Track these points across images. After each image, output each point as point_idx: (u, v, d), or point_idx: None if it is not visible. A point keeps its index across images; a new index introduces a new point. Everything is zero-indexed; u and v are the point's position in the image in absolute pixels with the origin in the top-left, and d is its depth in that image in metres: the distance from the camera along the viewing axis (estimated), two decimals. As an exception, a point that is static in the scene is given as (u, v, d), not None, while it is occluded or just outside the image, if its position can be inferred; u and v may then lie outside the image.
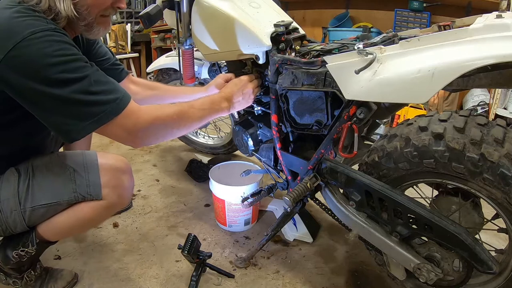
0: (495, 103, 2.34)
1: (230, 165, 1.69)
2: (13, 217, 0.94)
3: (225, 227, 1.55)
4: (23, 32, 0.73)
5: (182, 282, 1.25)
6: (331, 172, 1.05)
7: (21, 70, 0.74)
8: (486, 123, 0.84)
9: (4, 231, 0.97)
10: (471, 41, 0.75)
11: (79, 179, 0.97)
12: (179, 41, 1.30)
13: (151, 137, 0.90)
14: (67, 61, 0.76)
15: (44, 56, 0.74)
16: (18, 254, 1.01)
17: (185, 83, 1.39)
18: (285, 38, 1.14)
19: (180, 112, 0.94)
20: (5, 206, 0.93)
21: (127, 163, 1.05)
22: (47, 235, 1.03)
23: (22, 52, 0.73)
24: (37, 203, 0.95)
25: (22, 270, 1.09)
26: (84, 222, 1.02)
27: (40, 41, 0.74)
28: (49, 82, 0.75)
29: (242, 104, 1.15)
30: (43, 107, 0.78)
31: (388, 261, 1.04)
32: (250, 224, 1.56)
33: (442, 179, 0.89)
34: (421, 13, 2.78)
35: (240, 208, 1.46)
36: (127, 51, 3.67)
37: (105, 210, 1.01)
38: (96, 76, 0.80)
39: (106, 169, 0.99)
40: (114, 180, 1.00)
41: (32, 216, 0.96)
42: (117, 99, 0.82)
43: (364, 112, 0.96)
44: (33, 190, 0.95)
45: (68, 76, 0.76)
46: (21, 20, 0.75)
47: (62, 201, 0.96)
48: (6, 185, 0.94)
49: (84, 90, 0.77)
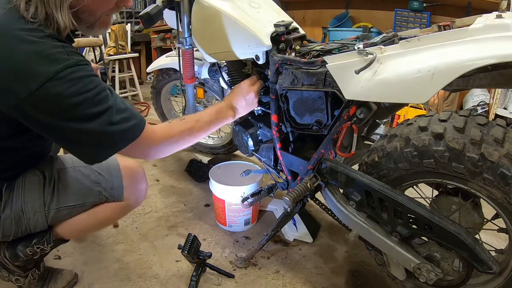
0: (495, 103, 2.34)
1: (230, 165, 1.69)
2: (36, 218, 0.97)
3: (225, 227, 1.55)
4: (48, 71, 0.70)
5: (182, 282, 1.25)
6: (331, 172, 1.05)
7: (47, 110, 0.73)
8: (486, 123, 0.84)
9: (23, 232, 0.98)
10: (471, 41, 0.75)
11: (104, 182, 1.02)
12: (179, 41, 1.30)
13: (161, 154, 0.96)
14: (93, 95, 0.76)
15: (70, 96, 0.73)
16: (32, 251, 1.02)
17: (185, 83, 1.39)
18: (285, 38, 1.14)
19: (189, 128, 1.00)
20: (29, 208, 0.96)
21: (142, 167, 1.12)
22: (64, 233, 1.05)
23: (48, 93, 0.71)
24: (62, 204, 0.99)
25: (28, 268, 1.09)
26: (103, 221, 1.08)
27: (65, 81, 0.72)
28: (75, 119, 0.75)
29: (246, 109, 1.18)
30: (67, 139, 0.79)
31: (388, 261, 1.04)
32: (250, 224, 1.56)
33: (442, 179, 0.89)
34: (421, 13, 2.79)
35: (240, 208, 1.46)
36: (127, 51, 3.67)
37: (123, 210, 1.08)
38: (117, 104, 0.81)
39: (127, 173, 1.06)
40: (134, 183, 1.07)
41: (55, 217, 0.99)
42: (135, 125, 0.84)
43: (364, 112, 0.96)
44: (59, 192, 0.98)
45: (93, 110, 0.76)
46: (41, 53, 0.71)
47: (87, 203, 1.01)
48: (30, 188, 0.96)
49: (108, 122, 0.78)
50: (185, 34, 1.28)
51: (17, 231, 0.97)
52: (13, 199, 0.94)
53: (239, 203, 1.42)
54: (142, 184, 1.10)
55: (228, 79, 1.40)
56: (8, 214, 0.94)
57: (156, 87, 2.12)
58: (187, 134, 0.99)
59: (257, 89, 1.18)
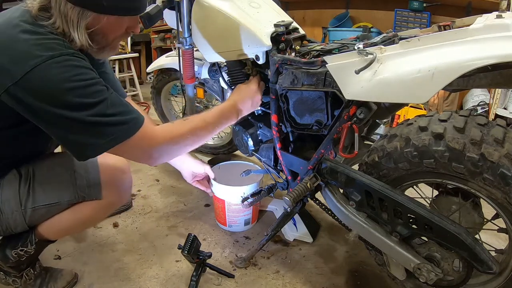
0: (495, 103, 2.34)
1: (230, 165, 1.69)
2: (14, 218, 0.95)
3: (225, 227, 1.55)
4: (43, 55, 0.73)
5: (182, 282, 1.25)
6: (331, 172, 1.05)
7: (38, 93, 0.74)
8: (486, 123, 0.84)
9: (4, 231, 0.98)
10: (471, 41, 0.75)
11: (80, 180, 0.98)
12: (179, 41, 1.30)
13: (165, 156, 0.94)
14: (85, 85, 0.77)
15: (62, 81, 0.74)
16: (17, 254, 1.02)
17: (185, 83, 1.39)
18: (285, 38, 1.14)
19: (193, 129, 0.97)
20: (6, 206, 0.94)
21: (126, 163, 1.06)
22: (47, 234, 1.04)
23: (40, 75, 0.72)
24: (38, 203, 0.96)
25: (22, 268, 1.09)
26: (84, 221, 1.04)
27: (59, 66, 0.74)
28: (67, 106, 0.75)
29: (249, 109, 1.17)
30: (59, 128, 0.79)
31: (388, 261, 1.04)
32: (250, 224, 1.56)
33: (442, 179, 0.89)
34: (421, 13, 2.78)
35: (240, 208, 1.46)
36: (127, 51, 3.67)
37: (105, 209, 1.04)
38: (112, 99, 0.81)
39: (105, 169, 1.01)
40: (113, 180, 1.02)
41: (33, 216, 0.97)
42: (132, 120, 0.83)
43: (364, 112, 0.96)
44: (34, 191, 0.96)
45: (86, 100, 0.76)
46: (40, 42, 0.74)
47: (63, 201, 0.98)
48: (7, 187, 0.95)
49: (101, 113, 0.78)
50: (185, 34, 1.28)
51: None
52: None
53: (239, 203, 1.42)
54: (124, 181, 1.05)
55: (228, 79, 1.40)
56: None
57: (156, 87, 2.12)
58: (191, 135, 0.96)
59: (260, 89, 1.19)
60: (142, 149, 0.87)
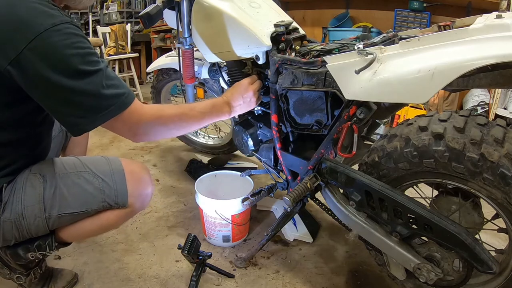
0: (495, 103, 2.34)
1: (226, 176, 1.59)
2: (36, 223, 0.94)
3: (206, 238, 1.48)
4: (45, 23, 0.74)
5: (182, 282, 1.25)
6: (331, 172, 1.05)
7: (42, 60, 0.74)
8: (486, 123, 0.84)
9: (24, 237, 0.96)
10: (471, 41, 0.75)
11: (108, 189, 0.98)
12: (179, 41, 1.30)
13: (150, 135, 0.93)
14: (85, 54, 0.78)
15: (65, 47, 0.75)
16: (35, 256, 1.00)
17: (185, 83, 1.39)
18: (285, 38, 1.14)
19: (181, 114, 0.97)
20: (29, 212, 0.92)
21: (148, 170, 1.08)
22: (66, 238, 1.03)
23: (44, 43, 0.74)
24: (64, 211, 0.95)
25: (30, 267, 1.09)
26: (106, 227, 1.05)
27: (61, 33, 0.75)
28: (68, 73, 0.76)
29: (243, 108, 1.15)
30: (57, 98, 0.79)
31: (388, 261, 1.04)
32: (230, 241, 1.42)
33: (442, 179, 0.89)
34: (421, 13, 2.79)
35: (216, 222, 1.38)
36: (127, 51, 3.67)
37: (127, 216, 1.05)
38: (107, 71, 0.82)
39: (131, 178, 1.02)
40: (139, 189, 1.03)
41: (56, 223, 0.97)
42: (125, 94, 0.84)
43: (364, 112, 0.96)
44: (61, 198, 0.95)
45: (85, 68, 0.77)
46: (40, 10, 0.75)
47: (90, 210, 0.98)
48: (31, 191, 0.93)
49: (99, 83, 0.79)
50: (185, 34, 1.28)
51: (19, 236, 0.94)
52: (13, 202, 0.91)
53: (214, 217, 1.36)
54: (148, 189, 1.06)
55: (228, 79, 1.40)
56: (8, 217, 0.91)
57: (156, 87, 2.12)
58: (178, 119, 0.96)
59: (256, 88, 1.17)
60: (129, 124, 0.87)
